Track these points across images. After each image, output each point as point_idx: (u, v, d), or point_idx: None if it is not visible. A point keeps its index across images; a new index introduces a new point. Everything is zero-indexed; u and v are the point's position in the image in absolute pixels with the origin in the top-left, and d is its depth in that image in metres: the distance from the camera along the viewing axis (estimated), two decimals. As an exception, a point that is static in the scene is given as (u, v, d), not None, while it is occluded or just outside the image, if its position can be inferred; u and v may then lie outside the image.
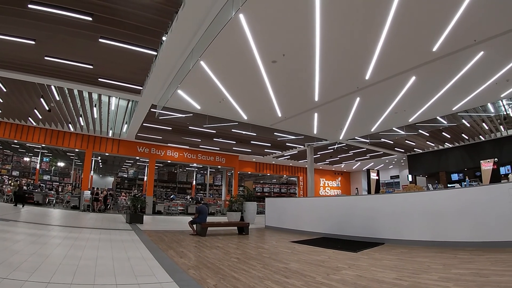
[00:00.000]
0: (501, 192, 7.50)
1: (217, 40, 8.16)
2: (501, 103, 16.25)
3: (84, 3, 8.14)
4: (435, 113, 15.70)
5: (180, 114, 14.88)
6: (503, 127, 22.63)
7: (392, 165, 35.17)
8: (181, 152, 26.32)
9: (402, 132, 19.29)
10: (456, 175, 28.13)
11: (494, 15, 7.80)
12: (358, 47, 9.10)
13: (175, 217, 20.84)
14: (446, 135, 23.55)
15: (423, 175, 30.40)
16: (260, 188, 34.78)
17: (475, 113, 17.53)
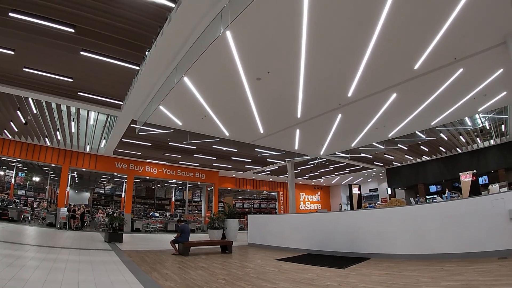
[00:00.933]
0: (484, 204, 7.60)
1: (203, 56, 8.11)
2: (477, 116, 16.69)
3: (67, 14, 7.97)
4: (414, 128, 15.97)
5: (160, 130, 14.68)
6: (479, 139, 23.24)
7: (371, 178, 35.51)
8: (160, 168, 25.88)
9: (381, 147, 19.53)
10: (434, 186, 28.63)
11: (474, 34, 8.08)
12: (341, 65, 9.25)
13: (154, 235, 20.41)
14: (424, 149, 24.00)
15: (402, 187, 30.80)
16: (240, 203, 34.58)
17: (453, 127, 17.91)
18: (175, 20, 7.74)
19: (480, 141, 23.74)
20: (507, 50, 8.38)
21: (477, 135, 22.39)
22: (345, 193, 38.49)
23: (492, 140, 23.38)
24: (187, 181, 28.76)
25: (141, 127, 13.83)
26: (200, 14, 7.54)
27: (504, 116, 17.23)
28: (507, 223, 6.97)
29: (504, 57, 8.91)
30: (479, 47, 8.71)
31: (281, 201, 35.74)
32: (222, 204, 29.89)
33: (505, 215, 7.02)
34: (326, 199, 40.56)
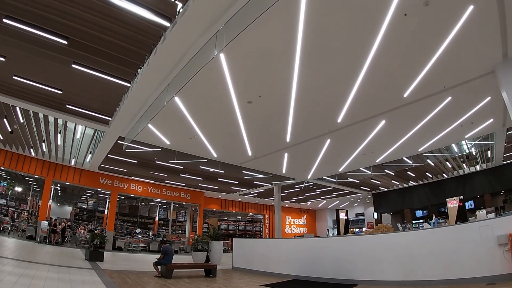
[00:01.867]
0: (472, 231, 7.63)
1: (195, 77, 8.08)
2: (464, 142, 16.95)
3: (61, 25, 7.92)
4: (401, 154, 16.13)
5: (148, 148, 14.53)
6: (465, 165, 23.55)
7: (357, 202, 35.55)
8: (145, 186, 25.48)
9: (369, 172, 19.62)
10: (421, 211, 28.81)
11: (463, 64, 8.31)
12: (332, 93, 9.37)
13: (136, 255, 19.96)
14: (411, 174, 24.21)
15: (388, 212, 30.86)
16: (225, 225, 34.12)
17: (440, 153, 18.11)
18: (169, 40, 7.74)
19: (466, 167, 24.07)
20: (495, 78, 8.60)
21: (463, 161, 22.72)
22: (331, 217, 38.39)
23: (478, 166, 23.75)
24: (172, 201, 28.33)
25: (128, 144, 13.66)
26: (195, 35, 7.56)
27: (491, 142, 17.54)
28: (496, 249, 7.01)
29: (492, 86, 9.15)
30: (467, 76, 8.93)
31: (267, 224, 35.39)
32: (206, 225, 29.53)
33: (494, 241, 7.07)
34: (312, 222, 40.35)
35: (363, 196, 31.97)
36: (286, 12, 6.15)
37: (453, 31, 7.00)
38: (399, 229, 19.58)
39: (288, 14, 6.19)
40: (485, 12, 6.59)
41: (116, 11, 7.53)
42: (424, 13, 6.44)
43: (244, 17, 6.50)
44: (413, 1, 6.11)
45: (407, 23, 6.65)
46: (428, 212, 28.30)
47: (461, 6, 6.39)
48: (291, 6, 5.96)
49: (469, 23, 6.75)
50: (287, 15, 6.23)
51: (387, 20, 6.48)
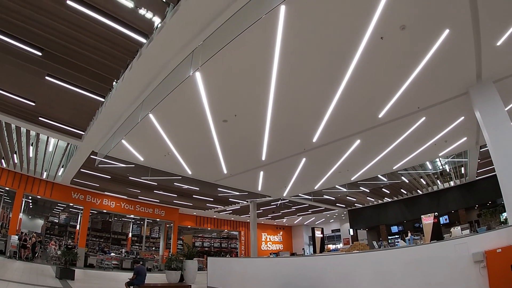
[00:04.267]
0: (448, 249, 7.65)
1: (170, 95, 7.98)
2: (438, 159, 17.28)
3: (36, 36, 7.77)
4: (376, 172, 16.34)
5: (121, 164, 14.25)
6: (439, 181, 24.03)
7: (333, 219, 35.67)
8: (118, 201, 24.97)
9: (344, 190, 19.72)
10: (396, 227, 29.09)
11: (437, 85, 8.54)
12: (308, 113, 9.44)
13: (109, 273, 19.34)
14: (386, 191, 24.47)
15: (364, 228, 31.01)
16: (200, 242, 33.64)
17: (414, 171, 18.41)
18: (145, 56, 7.71)
19: (441, 183, 24.57)
20: (469, 99, 8.88)
21: (437, 178, 23.18)
22: (307, 233, 38.35)
23: (452, 182, 24.26)
24: (145, 217, 27.80)
25: (101, 159, 13.38)
26: (171, 52, 7.55)
27: (464, 159, 17.94)
28: (472, 266, 7.03)
29: (466, 106, 9.43)
30: (442, 97, 9.18)
31: (243, 241, 35.11)
32: (181, 242, 29.07)
33: (469, 259, 7.08)
34: (288, 239, 40.24)
35: (339, 213, 32.14)
36: (263, 34, 6.17)
37: (428, 53, 7.17)
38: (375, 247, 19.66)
39: (264, 36, 6.21)
40: (460, 36, 6.78)
41: (92, 25, 7.46)
42: (401, 37, 6.57)
43: (220, 37, 6.52)
44: (389, 25, 6.22)
45: (383, 46, 6.76)
46: (403, 228, 28.65)
47: (437, 30, 6.55)
48: (267, 28, 5.99)
49: (444, 46, 6.93)
50: (264, 37, 6.25)
51: (364, 43, 6.57)
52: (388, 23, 6.13)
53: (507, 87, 8.91)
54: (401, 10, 5.93)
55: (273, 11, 5.55)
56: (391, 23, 6.18)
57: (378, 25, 6.09)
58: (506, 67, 8.30)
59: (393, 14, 5.94)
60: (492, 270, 6.74)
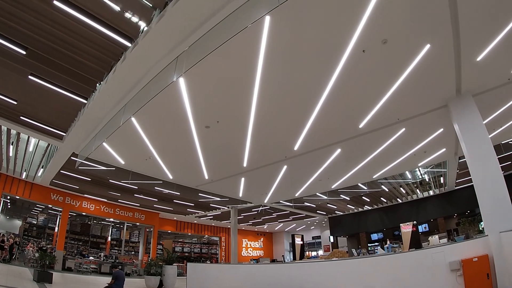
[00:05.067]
0: (425, 257, 7.85)
1: (153, 99, 7.97)
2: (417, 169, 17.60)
3: (21, 34, 7.74)
4: (356, 180, 16.53)
5: (102, 166, 14.10)
6: (419, 190, 24.41)
7: (314, 226, 35.88)
8: (98, 204, 24.65)
9: (325, 197, 19.86)
10: (376, 235, 29.40)
11: (417, 98, 8.79)
12: (290, 122, 9.54)
13: (87, 277, 18.97)
14: (366, 199, 24.76)
15: (344, 235, 31.34)
16: (180, 247, 33.35)
17: (394, 180, 18.66)
18: (129, 60, 7.70)
19: (420, 192, 24.94)
20: (448, 112, 9.14)
21: (417, 187, 23.56)
22: (288, 239, 38.41)
23: (432, 191, 24.68)
24: (125, 221, 27.48)
25: (82, 161, 13.22)
26: (155, 57, 7.57)
27: (443, 170, 18.27)
28: (448, 275, 7.22)
29: (445, 118, 9.68)
30: (421, 110, 9.43)
31: (223, 247, 34.99)
32: (161, 246, 28.81)
33: (446, 267, 7.28)
34: (269, 245, 40.28)
35: (320, 220, 32.35)
36: (247, 44, 6.22)
37: (409, 67, 7.34)
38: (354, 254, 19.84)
39: (249, 45, 6.27)
40: (441, 51, 6.98)
41: (78, 27, 7.48)
42: (382, 50, 6.71)
43: (205, 45, 6.57)
44: (371, 39, 6.34)
45: (365, 58, 6.88)
46: (383, 235, 28.98)
47: (419, 45, 6.72)
48: (252, 38, 6.05)
49: (425, 60, 7.11)
50: (248, 47, 6.31)
51: (346, 55, 6.68)
52: (370, 36, 6.26)
53: (485, 101, 9.22)
54: (384, 24, 6.06)
55: (257, 21, 5.62)
56: (373, 37, 6.32)
57: (360, 38, 6.22)
58: (486, 82, 8.60)
59: (376, 28, 6.08)
60: (468, 278, 6.94)
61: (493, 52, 7.30)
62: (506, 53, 7.52)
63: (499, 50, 7.25)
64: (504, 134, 13.00)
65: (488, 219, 7.67)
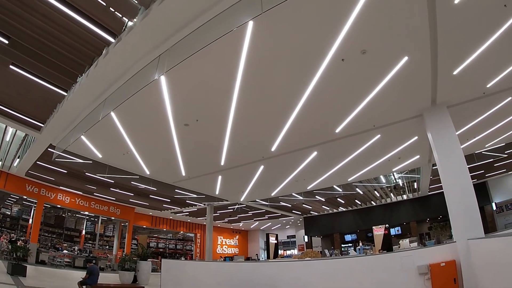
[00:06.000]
0: (395, 260, 8.13)
1: (134, 96, 7.98)
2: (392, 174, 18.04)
3: (4, 23, 7.68)
4: (332, 183, 16.87)
5: (79, 159, 14.00)
6: (393, 194, 24.93)
7: (289, 225, 36.21)
8: (73, 197, 24.31)
9: (300, 198, 20.16)
10: (350, 236, 29.96)
11: (393, 106, 9.10)
12: (268, 124, 9.68)
13: (61, 271, 18.77)
14: (341, 201, 25.14)
15: (319, 236, 31.71)
16: (155, 243, 33.16)
17: (369, 183, 19.07)
18: (112, 55, 7.72)
19: (394, 196, 25.49)
20: (423, 121, 9.42)
21: (391, 191, 24.06)
22: (263, 238, 38.64)
23: (405, 195, 25.25)
24: (100, 215, 27.15)
25: (59, 153, 13.11)
26: (138, 54, 7.61)
27: (417, 175, 18.77)
28: (417, 278, 7.50)
29: (420, 127, 9.98)
30: (397, 118, 9.75)
31: (198, 244, 34.96)
32: (135, 241, 28.64)
33: (415, 271, 7.55)
34: (244, 243, 40.45)
35: (295, 219, 32.68)
36: (229, 47, 6.31)
37: (386, 77, 7.57)
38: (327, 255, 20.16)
39: (231, 48, 6.36)
40: (418, 63, 7.23)
41: (62, 19, 7.46)
42: (361, 60, 6.89)
43: (188, 45, 6.65)
44: (351, 49, 6.51)
45: (344, 67, 7.05)
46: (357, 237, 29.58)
47: (397, 57, 6.96)
48: (234, 41, 6.14)
49: (402, 71, 7.35)
50: (230, 50, 6.40)
51: (325, 63, 6.84)
52: (350, 46, 6.43)
53: (460, 113, 9.62)
54: (364, 35, 6.24)
55: (240, 26, 5.72)
56: (353, 47, 6.49)
57: (340, 47, 6.37)
58: (461, 95, 8.96)
59: (356, 39, 6.24)
60: (436, 282, 7.22)
61: (470, 67, 7.58)
62: (483, 68, 7.84)
63: (475, 65, 7.54)
64: (478, 145, 13.56)
65: (457, 227, 7.99)
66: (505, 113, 10.71)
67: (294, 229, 37.08)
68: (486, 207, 24.10)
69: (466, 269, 7.24)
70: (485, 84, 8.61)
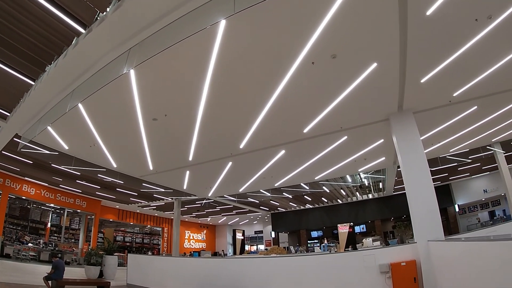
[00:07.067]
0: (357, 259, 8.42)
1: (102, 88, 7.87)
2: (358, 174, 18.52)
3: None
4: (299, 180, 17.16)
5: (45, 150, 13.72)
6: (358, 193, 25.52)
7: (257, 220, 36.48)
8: (38, 188, 23.68)
9: (268, 194, 20.37)
10: (316, 232, 30.55)
11: (361, 110, 9.35)
12: (237, 122, 9.75)
13: (26, 265, 18.25)
14: (308, 198, 25.50)
15: (286, 231, 32.13)
16: (121, 237, 32.65)
17: (335, 182, 19.48)
18: (81, 46, 7.56)
19: (360, 195, 26.10)
20: (389, 125, 9.75)
21: (356, 190, 24.64)
22: (230, 233, 38.84)
23: (371, 195, 25.90)
24: (66, 207, 26.56)
25: (25, 143, 12.83)
26: (108, 47, 7.49)
27: (382, 176, 19.29)
28: (378, 276, 7.81)
29: (386, 131, 10.36)
30: (364, 121, 10.04)
31: (165, 238, 34.69)
32: (102, 235, 28.22)
33: (376, 269, 7.86)
34: (212, 238, 40.44)
35: (262, 215, 32.92)
36: (201, 44, 6.33)
37: (355, 82, 7.76)
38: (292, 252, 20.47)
39: (202, 46, 6.37)
40: (387, 70, 7.45)
41: (32, 6, 7.36)
42: (331, 64, 7.03)
43: (159, 40, 6.63)
44: (321, 53, 6.64)
45: (314, 69, 7.18)
46: (323, 233, 30.18)
47: (366, 63, 7.14)
48: (206, 39, 6.15)
49: (371, 77, 7.55)
50: (201, 47, 6.41)
51: (296, 65, 6.93)
52: (321, 50, 6.54)
53: (426, 119, 10.03)
54: (335, 40, 6.36)
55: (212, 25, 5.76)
56: (324, 51, 6.60)
57: (311, 51, 6.48)
58: (427, 102, 9.32)
59: (326, 43, 6.36)
60: (396, 281, 7.52)
61: (438, 76, 7.89)
62: (450, 78, 8.18)
63: (443, 75, 7.86)
64: (443, 149, 14.12)
65: (418, 228, 8.28)
66: (470, 121, 11.24)
67: (262, 225, 37.39)
68: (449, 208, 25.13)
69: (426, 269, 7.56)
70: (452, 93, 9.00)
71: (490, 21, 6.24)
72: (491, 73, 8.16)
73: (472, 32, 6.57)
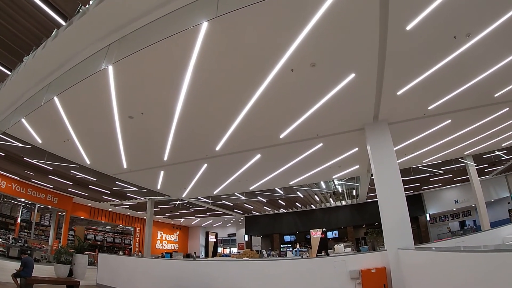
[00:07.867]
0: (328, 264, 8.56)
1: (79, 83, 7.76)
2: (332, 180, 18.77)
3: None
4: (274, 185, 17.28)
5: (18, 143, 13.41)
6: (332, 199, 25.82)
7: (230, 223, 36.45)
8: (9, 182, 22.99)
9: (242, 197, 20.39)
10: (289, 237, 30.78)
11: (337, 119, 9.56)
12: (213, 124, 9.75)
13: (-6, 261, 17.76)
14: (282, 203, 25.60)
15: (259, 235, 32.15)
16: (92, 235, 32.03)
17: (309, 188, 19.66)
18: (61, 38, 7.48)
19: (333, 201, 26.41)
20: (364, 134, 9.91)
21: (330, 196, 24.92)
22: (203, 235, 38.63)
23: (344, 201, 26.26)
24: (37, 202, 25.91)
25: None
26: (87, 41, 7.41)
27: (356, 184, 19.58)
28: (349, 282, 7.96)
29: (360, 140, 10.56)
30: (340, 129, 10.23)
31: (137, 238, 34.18)
32: (72, 233, 27.68)
33: (347, 275, 8.01)
34: (185, 239, 40.11)
35: (236, 218, 32.96)
36: (181, 45, 6.31)
37: (332, 91, 7.89)
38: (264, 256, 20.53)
39: (182, 47, 6.36)
40: (364, 81, 7.60)
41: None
42: (310, 72, 7.12)
43: (139, 38, 6.60)
44: (300, 61, 6.72)
45: (292, 77, 7.25)
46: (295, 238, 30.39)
47: (344, 73, 7.27)
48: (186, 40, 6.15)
49: (348, 87, 7.69)
50: (181, 48, 6.40)
51: (275, 71, 6.98)
52: (300, 58, 6.62)
53: (400, 130, 10.30)
54: (314, 49, 6.44)
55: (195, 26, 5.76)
56: (303, 59, 6.68)
57: (291, 58, 6.54)
58: (402, 114, 9.55)
59: (306, 52, 6.44)
60: (366, 287, 7.68)
61: (414, 89, 8.10)
62: (425, 92, 8.41)
63: (419, 88, 8.07)
64: (416, 159, 14.47)
65: (389, 236, 8.44)
66: (444, 134, 11.57)
67: (235, 228, 37.34)
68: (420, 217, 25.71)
69: (395, 276, 7.72)
70: (427, 106, 9.24)
71: (469, 39, 6.44)
72: (466, 89, 8.43)
73: (450, 48, 6.77)
